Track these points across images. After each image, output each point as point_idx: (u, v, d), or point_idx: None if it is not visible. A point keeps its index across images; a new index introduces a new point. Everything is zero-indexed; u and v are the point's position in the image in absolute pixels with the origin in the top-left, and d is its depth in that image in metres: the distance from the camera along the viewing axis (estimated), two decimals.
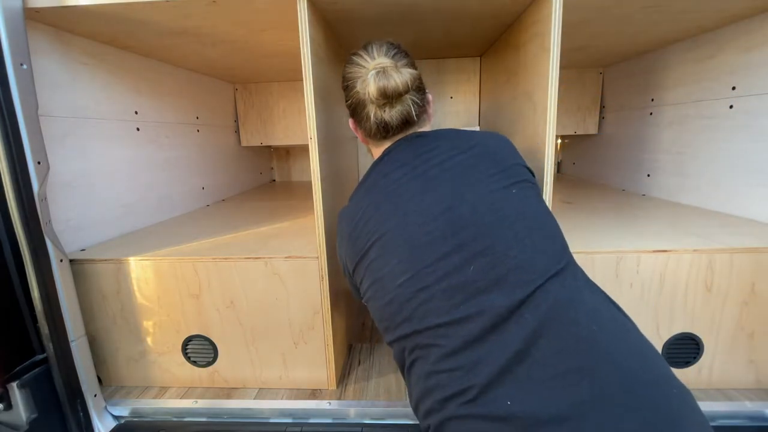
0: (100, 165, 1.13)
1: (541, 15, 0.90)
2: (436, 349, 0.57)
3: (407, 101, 0.72)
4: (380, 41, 0.75)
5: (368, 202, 0.70)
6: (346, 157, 1.39)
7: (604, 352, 0.51)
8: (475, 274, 0.57)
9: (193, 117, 1.64)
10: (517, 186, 0.66)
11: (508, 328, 0.54)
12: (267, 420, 1.00)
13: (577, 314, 0.54)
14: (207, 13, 0.91)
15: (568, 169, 2.43)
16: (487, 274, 0.57)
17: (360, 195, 0.74)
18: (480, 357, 0.54)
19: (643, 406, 0.47)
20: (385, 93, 0.70)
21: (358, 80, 0.73)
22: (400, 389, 1.03)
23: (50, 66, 0.98)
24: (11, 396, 0.83)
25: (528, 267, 0.57)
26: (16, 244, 0.83)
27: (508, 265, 0.57)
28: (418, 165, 0.69)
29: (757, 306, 0.93)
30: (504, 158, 0.70)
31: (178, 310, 1.01)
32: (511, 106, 1.18)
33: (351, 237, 0.70)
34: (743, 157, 1.19)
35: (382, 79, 0.69)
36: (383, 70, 0.70)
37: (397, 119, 0.73)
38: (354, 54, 0.76)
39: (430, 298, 0.58)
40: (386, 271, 0.63)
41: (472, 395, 0.52)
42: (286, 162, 2.56)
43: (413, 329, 0.59)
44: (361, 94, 0.73)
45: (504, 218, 0.62)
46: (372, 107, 0.73)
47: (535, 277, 0.56)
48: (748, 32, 1.15)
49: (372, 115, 0.73)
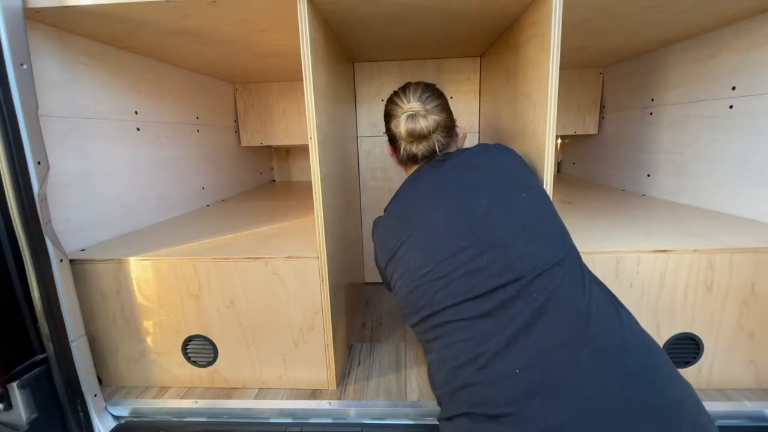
0: (100, 165, 1.13)
1: (541, 15, 0.90)
2: (453, 324, 0.65)
3: (432, 139, 0.86)
4: (417, 84, 0.89)
5: (398, 212, 0.84)
6: (346, 157, 1.38)
7: (601, 327, 0.59)
8: (488, 262, 0.66)
9: (193, 117, 1.64)
10: (525, 191, 0.76)
11: (516, 305, 0.61)
12: (267, 420, 1.00)
13: (578, 295, 0.62)
14: (207, 13, 0.91)
15: (568, 169, 2.43)
16: (499, 260, 0.65)
17: (392, 206, 0.87)
18: (491, 328, 0.61)
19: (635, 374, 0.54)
20: (413, 134, 0.84)
21: (393, 119, 0.88)
22: (400, 389, 1.03)
23: (50, 66, 0.98)
24: (11, 396, 0.83)
25: (534, 255, 0.65)
26: (16, 244, 0.82)
27: (517, 253, 0.65)
28: (439, 180, 0.81)
29: (757, 306, 0.93)
30: (512, 169, 0.82)
31: (178, 310, 1.01)
32: (511, 106, 1.18)
33: (384, 240, 0.82)
34: (743, 157, 1.19)
35: (410, 123, 0.84)
36: (413, 115, 0.84)
37: (423, 152, 0.87)
38: (395, 93, 0.91)
39: (449, 283, 0.67)
40: (411, 264, 0.73)
41: (482, 362, 0.59)
42: (286, 162, 2.56)
43: (433, 310, 0.68)
44: (395, 131, 0.88)
45: (514, 217, 0.71)
46: (403, 142, 0.88)
47: (541, 263, 0.64)
48: (748, 32, 1.15)
49: (402, 149, 0.89)
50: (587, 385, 0.53)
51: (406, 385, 1.04)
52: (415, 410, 0.97)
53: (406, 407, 0.97)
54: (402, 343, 1.25)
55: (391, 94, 0.92)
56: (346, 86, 1.46)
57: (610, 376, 0.53)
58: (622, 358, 0.55)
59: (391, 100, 0.91)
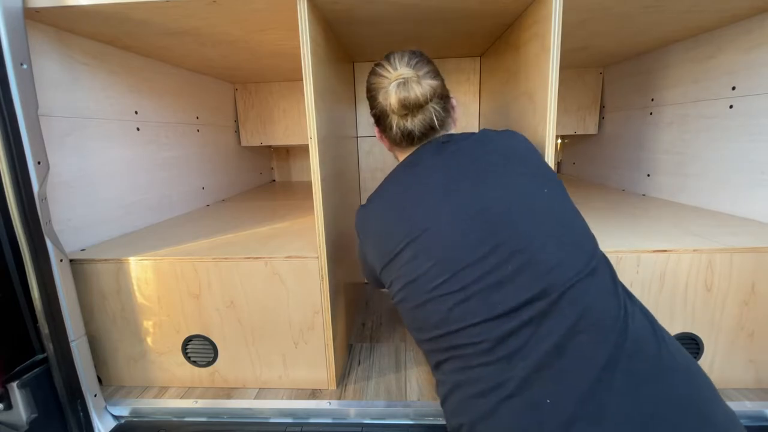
0: (100, 165, 1.13)
1: (541, 15, 0.90)
2: (472, 347, 0.57)
3: (429, 110, 0.72)
4: (402, 51, 0.76)
5: (393, 203, 0.70)
6: (346, 157, 1.39)
7: (637, 346, 0.52)
8: (513, 272, 0.57)
9: (193, 117, 1.64)
10: (547, 185, 0.66)
11: (546, 323, 0.54)
12: (267, 420, 0.99)
13: (613, 309, 0.55)
14: (207, 13, 0.91)
15: (568, 169, 2.43)
16: (525, 271, 0.57)
17: (386, 196, 0.74)
18: (516, 351, 0.54)
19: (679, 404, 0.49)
20: (406, 104, 0.70)
21: (381, 91, 0.74)
22: (400, 389, 1.03)
23: (50, 66, 0.98)
24: (11, 396, 0.83)
25: (566, 263, 0.57)
26: (16, 244, 0.82)
27: (546, 263, 0.57)
28: (448, 166, 0.68)
29: (757, 306, 0.93)
30: (530, 157, 0.70)
31: (178, 310, 1.01)
32: (511, 106, 1.18)
33: (378, 237, 0.70)
34: (743, 157, 1.19)
35: (402, 91, 0.70)
36: (404, 82, 0.70)
37: (419, 128, 0.73)
38: (377, 65, 0.77)
39: (467, 298, 0.58)
40: (420, 273, 0.62)
41: (509, 390, 0.52)
42: (286, 162, 2.56)
43: (448, 330, 0.59)
44: (384, 104, 0.74)
45: (539, 216, 0.62)
46: (394, 117, 0.74)
47: (573, 273, 0.56)
48: (748, 32, 1.15)
49: (395, 125, 0.74)
50: (628, 413, 0.48)
51: (406, 385, 1.04)
52: (415, 410, 0.97)
53: (406, 407, 0.97)
54: (402, 343, 1.25)
55: (373, 67, 0.78)
56: (346, 86, 1.46)
57: (650, 402, 0.48)
58: (662, 381, 0.50)
59: (374, 72, 0.77)
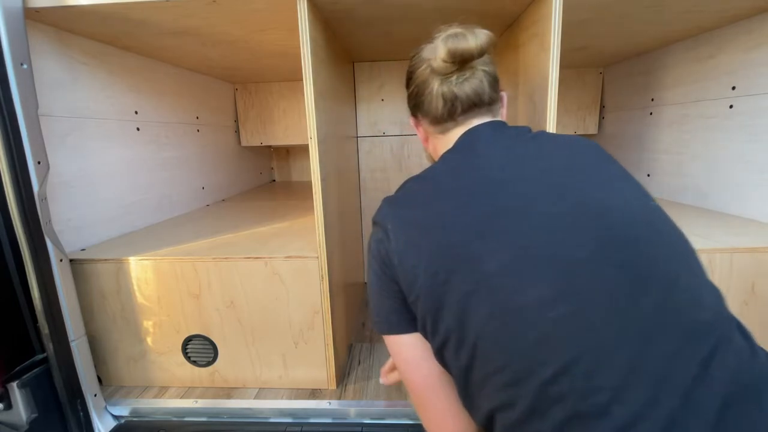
0: (100, 165, 1.13)
1: (541, 15, 0.90)
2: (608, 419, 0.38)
3: (479, 73, 0.60)
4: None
5: (452, 200, 0.51)
6: (346, 157, 1.39)
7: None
8: (650, 310, 0.40)
9: (193, 117, 1.64)
10: (650, 198, 0.51)
11: (694, 396, 0.37)
12: (267, 420, 1.00)
13: (755, 369, 0.40)
14: (207, 13, 0.91)
15: None
16: (666, 311, 0.40)
17: (432, 187, 0.55)
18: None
19: None
20: (456, 55, 0.57)
21: (425, 51, 0.62)
22: (400, 389, 1.03)
23: (50, 66, 0.98)
24: (11, 396, 0.83)
25: (703, 304, 0.42)
26: (16, 244, 0.83)
27: (686, 299, 0.42)
28: (523, 156, 0.53)
29: (757, 306, 0.93)
30: (617, 164, 0.55)
31: (178, 310, 1.01)
32: (511, 106, 1.18)
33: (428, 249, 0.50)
34: (743, 157, 1.19)
35: (453, 41, 0.57)
36: (455, 34, 0.58)
37: (466, 93, 0.59)
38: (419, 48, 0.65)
39: (600, 344, 0.39)
40: (523, 299, 0.42)
41: None
42: (286, 162, 2.56)
43: (570, 388, 0.39)
44: (425, 70, 0.61)
45: (662, 236, 0.46)
46: (436, 82, 0.60)
47: (712, 319, 0.42)
48: (748, 32, 1.15)
49: (435, 92, 0.60)
50: None
51: None
52: (415, 410, 0.97)
53: (406, 407, 0.97)
54: None
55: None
56: (346, 86, 1.46)
57: None
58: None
59: (417, 52, 0.66)
